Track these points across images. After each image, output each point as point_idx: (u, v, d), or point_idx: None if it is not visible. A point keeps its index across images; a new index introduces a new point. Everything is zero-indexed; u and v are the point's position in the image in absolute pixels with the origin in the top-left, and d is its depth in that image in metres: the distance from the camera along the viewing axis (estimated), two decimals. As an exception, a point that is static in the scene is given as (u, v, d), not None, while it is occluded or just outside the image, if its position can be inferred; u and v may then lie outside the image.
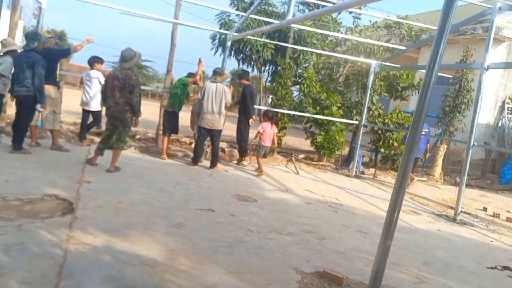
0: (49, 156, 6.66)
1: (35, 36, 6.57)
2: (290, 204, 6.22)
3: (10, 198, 4.36)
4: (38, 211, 4.21)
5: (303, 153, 12.20)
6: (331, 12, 7.62)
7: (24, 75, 6.34)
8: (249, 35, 8.92)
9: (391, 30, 12.16)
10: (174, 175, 6.83)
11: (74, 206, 4.44)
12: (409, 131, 3.18)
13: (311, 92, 10.85)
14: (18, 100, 6.59)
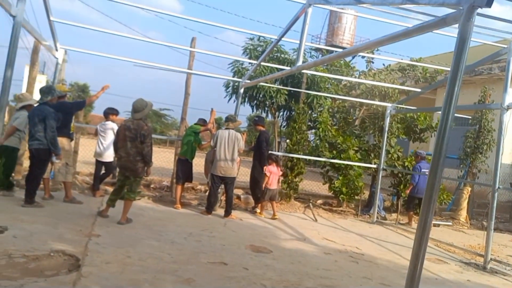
0: (60, 209, 6.59)
1: (49, 90, 6.70)
2: (307, 255, 5.92)
3: (16, 255, 4.24)
4: (43, 268, 4.06)
5: (322, 199, 11.90)
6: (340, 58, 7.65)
7: (36, 129, 6.40)
8: (261, 82, 8.97)
9: (405, 72, 12.14)
10: (186, 226, 6.65)
11: (80, 263, 4.28)
12: (429, 175, 2.98)
13: (326, 136, 10.74)
14: (30, 153, 6.63)
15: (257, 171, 8.70)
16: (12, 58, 4.65)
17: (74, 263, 4.29)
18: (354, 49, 4.80)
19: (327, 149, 10.64)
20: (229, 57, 9.63)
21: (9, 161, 7.14)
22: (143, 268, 4.36)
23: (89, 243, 4.94)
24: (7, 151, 7.07)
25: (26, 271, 3.91)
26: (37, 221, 5.63)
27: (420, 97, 11.14)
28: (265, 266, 5.07)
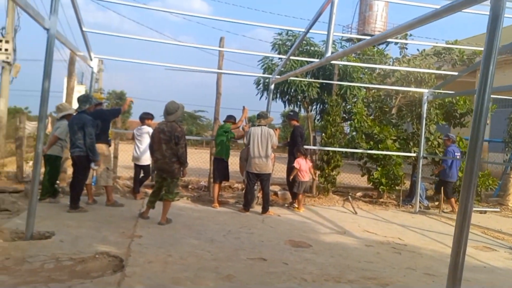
0: (103, 213, 6.82)
1: (86, 99, 6.94)
2: (348, 248, 5.86)
3: (63, 258, 4.43)
4: (89, 270, 4.22)
5: (361, 191, 11.74)
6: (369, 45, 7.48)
7: (76, 137, 6.66)
8: (291, 76, 8.91)
9: (441, 56, 11.71)
10: (225, 224, 6.73)
11: (124, 263, 4.42)
12: (467, 160, 2.88)
13: (362, 127, 10.55)
14: (73, 160, 6.90)
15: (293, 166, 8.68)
16: (49, 70, 4.86)
17: (118, 264, 4.44)
18: (382, 36, 4.68)
19: (363, 140, 10.46)
20: (258, 54, 9.64)
21: (53, 169, 7.47)
22: (184, 267, 4.45)
23: (131, 244, 5.10)
24: (50, 159, 7.40)
25: (73, 273, 4.08)
26: (81, 225, 5.87)
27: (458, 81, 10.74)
28: (305, 260, 5.06)
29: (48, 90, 4.95)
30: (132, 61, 8.76)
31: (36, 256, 4.39)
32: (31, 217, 5.04)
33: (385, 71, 11.81)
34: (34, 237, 5.06)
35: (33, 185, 5.08)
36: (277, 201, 9.38)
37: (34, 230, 5.14)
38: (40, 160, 5.23)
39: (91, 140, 6.64)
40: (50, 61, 4.88)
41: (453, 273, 2.84)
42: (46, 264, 4.21)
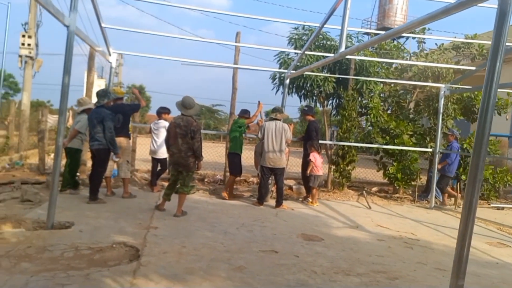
0: (121, 205, 7.02)
1: (105, 93, 7.13)
2: (359, 242, 5.92)
3: (82, 247, 4.61)
4: (107, 259, 4.40)
5: (376, 186, 11.73)
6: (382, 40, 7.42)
7: (95, 130, 6.86)
8: (306, 71, 8.94)
9: (460, 51, 11.54)
10: (239, 217, 6.86)
11: (140, 253, 4.58)
12: (472, 155, 2.92)
13: (378, 121, 10.51)
14: (92, 153, 7.12)
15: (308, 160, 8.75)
16: (68, 66, 5.03)
17: (134, 253, 4.60)
18: (397, 30, 4.69)
19: (379, 135, 10.43)
20: (273, 49, 9.69)
21: (74, 161, 7.71)
22: (198, 257, 4.58)
23: (147, 235, 5.26)
24: (71, 152, 7.64)
25: (92, 261, 4.26)
26: (100, 216, 6.07)
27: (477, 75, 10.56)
28: (315, 253, 5.14)
29: (68, 85, 5.13)
30: (150, 56, 8.94)
31: (57, 245, 4.59)
32: (52, 207, 5.25)
33: (402, 65, 11.72)
34: (54, 227, 5.28)
35: (54, 176, 5.29)
36: (292, 195, 9.46)
37: (55, 220, 5.35)
38: (60, 153, 5.43)
39: (110, 133, 6.83)
40: (70, 57, 5.05)
41: (457, 266, 2.89)
42: (65, 252, 4.40)
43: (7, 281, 3.54)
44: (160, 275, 3.98)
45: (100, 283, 3.66)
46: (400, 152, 10.15)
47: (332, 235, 6.16)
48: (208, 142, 27.76)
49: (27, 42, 14.27)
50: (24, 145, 13.35)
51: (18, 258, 4.10)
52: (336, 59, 6.18)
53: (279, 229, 6.23)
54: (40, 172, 9.73)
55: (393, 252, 5.53)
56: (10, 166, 10.45)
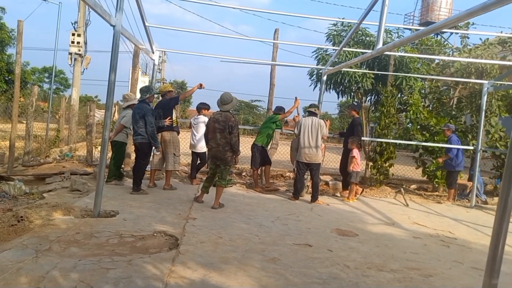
0: (162, 196, 7.28)
1: (147, 89, 7.40)
2: (394, 239, 5.87)
3: (126, 235, 4.85)
4: (148, 246, 4.61)
5: (415, 184, 11.49)
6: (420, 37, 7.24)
7: (138, 125, 7.14)
8: (343, 68, 8.89)
9: (506, 46, 11.09)
10: (274, 210, 6.96)
11: (179, 242, 4.77)
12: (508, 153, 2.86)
13: (418, 118, 10.31)
14: (135, 147, 7.42)
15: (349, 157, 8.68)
16: (114, 63, 5.28)
17: (174, 242, 4.79)
18: (432, 28, 4.59)
19: (419, 132, 10.23)
20: (311, 45, 9.71)
21: (119, 154, 8.05)
22: (233, 248, 4.72)
23: (186, 225, 5.45)
24: (117, 145, 7.99)
25: (134, 248, 4.48)
26: (142, 206, 6.33)
27: (525, 71, 10.14)
28: (349, 248, 5.16)
29: (114, 82, 5.38)
30: (191, 53, 9.20)
31: (102, 232, 4.85)
32: (99, 197, 5.54)
33: (444, 61, 11.41)
34: (101, 215, 5.57)
35: (100, 168, 5.57)
36: (328, 191, 9.45)
37: (101, 209, 5.65)
38: (106, 146, 5.71)
39: (152, 128, 7.10)
40: (116, 55, 5.29)
41: (491, 265, 2.86)
42: (110, 239, 4.65)
43: (57, 263, 3.80)
44: (197, 263, 4.14)
45: (141, 269, 3.86)
46: (440, 149, 9.90)
47: (366, 231, 6.14)
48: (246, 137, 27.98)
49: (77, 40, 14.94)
50: (74, 138, 14.01)
51: (67, 243, 4.38)
52: (374, 55, 6.12)
53: (314, 224, 6.28)
54: (88, 163, 10.21)
55: (429, 250, 5.45)
56: (60, 157, 11.02)
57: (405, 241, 5.80)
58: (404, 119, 11.29)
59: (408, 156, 14.01)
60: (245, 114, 46.38)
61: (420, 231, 6.51)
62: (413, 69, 10.73)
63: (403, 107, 11.08)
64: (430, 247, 5.59)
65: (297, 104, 8.68)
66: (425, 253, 5.30)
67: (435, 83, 11.46)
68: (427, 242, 5.87)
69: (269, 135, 8.58)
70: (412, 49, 11.39)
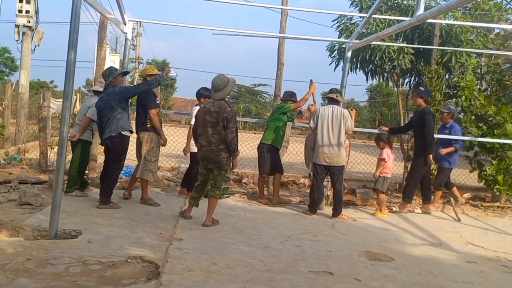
0: (139, 210, 7.32)
1: (109, 72, 7.47)
2: (442, 264, 5.89)
3: (91, 261, 4.88)
4: (120, 276, 4.64)
5: (469, 191, 11.51)
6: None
7: (107, 117, 7.18)
8: (373, 41, 8.87)
9: None
10: (284, 228, 6.98)
11: (160, 270, 4.80)
12: None
13: (472, 106, 10.30)
14: (105, 147, 7.46)
15: (418, 161, 8.77)
16: (74, 38, 5.30)
17: (154, 270, 4.82)
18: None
19: (473, 124, 10.23)
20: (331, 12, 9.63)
21: (82, 156, 8.06)
22: (231, 277, 4.75)
23: (169, 248, 5.48)
24: (79, 145, 8.02)
25: (102, 279, 4.51)
26: (113, 223, 6.37)
27: None
28: (383, 277, 5.18)
29: (74, 63, 5.40)
30: (174, 24, 9.21)
31: (61, 257, 4.87)
32: (56, 212, 5.57)
33: (506, 31, 11.38)
34: (58, 236, 5.60)
35: (57, 175, 5.59)
36: (355, 202, 9.48)
37: (59, 228, 5.67)
38: (66, 146, 5.71)
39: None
40: (76, 28, 5.31)
41: None
42: (71, 267, 4.67)
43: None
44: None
45: (111, 305, 3.89)
46: (501, 146, 9.88)
47: (405, 254, 6.16)
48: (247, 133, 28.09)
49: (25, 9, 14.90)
50: (23, 136, 13.99)
51: (15, 273, 4.40)
52: (413, 24, 6.13)
53: (336, 245, 6.30)
54: (42, 169, 10.25)
55: (487, 278, 5.47)
56: (6, 161, 11.05)
57: (456, 267, 5.82)
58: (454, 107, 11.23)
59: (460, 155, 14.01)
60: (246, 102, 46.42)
61: (475, 253, 6.53)
62: (465, 41, 10.69)
63: (452, 92, 11.04)
64: (488, 275, 5.61)
65: (313, 89, 8.65)
66: (481, 282, 5.32)
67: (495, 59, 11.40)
68: (485, 268, 5.88)
69: (279, 130, 8.55)
70: (463, 15, 11.33)
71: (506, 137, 9.77)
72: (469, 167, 10.76)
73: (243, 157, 11.93)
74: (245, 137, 15.94)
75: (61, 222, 5.81)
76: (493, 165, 10.01)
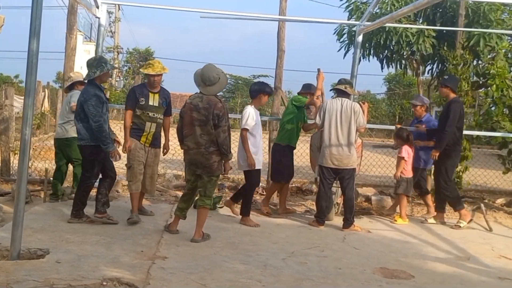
0: (117, 225, 7.28)
1: (98, 62, 7.25)
2: (470, 281, 5.88)
3: (59, 285, 4.85)
4: (93, 301, 4.63)
5: (503, 196, 11.51)
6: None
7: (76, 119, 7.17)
8: (389, 22, 8.87)
9: None
10: (286, 242, 6.97)
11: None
12: None
13: (504, 97, 10.31)
14: None
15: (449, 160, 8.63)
16: (37, 25, 5.27)
17: (133, 294, 4.82)
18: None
19: (506, 118, 10.24)
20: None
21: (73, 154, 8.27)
22: (223, 301, 4.74)
23: (152, 268, 5.45)
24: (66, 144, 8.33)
25: (73, 305, 4.50)
26: (86, 240, 6.34)
27: None
28: (401, 297, 5.17)
29: (37, 54, 5.37)
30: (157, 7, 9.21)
31: (24, 281, 4.84)
32: (18, 229, 5.52)
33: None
34: (22, 256, 5.56)
35: (19, 185, 5.55)
36: (369, 210, 9.47)
37: (23, 247, 5.63)
38: (28, 151, 5.68)
39: (96, 123, 7.01)
40: (39, 13, 5.27)
41: None
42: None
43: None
44: (168, 325, 4.15)
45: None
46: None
47: (427, 271, 6.14)
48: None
49: (-17, -9, 14.93)
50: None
51: (-29, 299, 4.39)
52: (434, 1, 6.12)
53: (347, 261, 6.28)
54: (4, 179, 10.24)
55: (523, 297, 5.46)
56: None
57: (487, 284, 5.83)
58: (483, 98, 11.23)
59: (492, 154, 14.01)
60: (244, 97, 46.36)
61: (509, 268, 6.50)
62: (496, 21, 10.72)
63: (481, 81, 11.07)
64: (525, 293, 5.60)
65: (321, 80, 8.58)
66: (516, 302, 5.31)
67: (530, 41, 11.46)
68: (520, 285, 5.87)
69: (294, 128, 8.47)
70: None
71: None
72: (502, 168, 10.76)
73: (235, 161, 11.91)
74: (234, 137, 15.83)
75: (25, 240, 5.79)
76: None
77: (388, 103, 47.71)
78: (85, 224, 7.15)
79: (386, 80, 46.21)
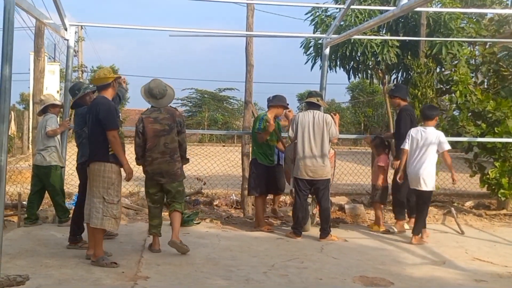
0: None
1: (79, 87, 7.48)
2: (447, 285, 5.99)
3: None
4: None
5: (471, 199, 11.67)
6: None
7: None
8: (354, 35, 8.98)
9: None
10: (266, 255, 6.97)
11: (125, 315, 4.74)
12: None
13: (468, 102, 10.47)
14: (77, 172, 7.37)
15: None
16: (9, 50, 5.22)
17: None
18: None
19: (471, 123, 10.39)
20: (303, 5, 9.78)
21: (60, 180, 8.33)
22: (208, 318, 4.72)
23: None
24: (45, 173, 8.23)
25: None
26: (66, 264, 6.25)
27: None
28: (382, 305, 5.21)
29: (10, 79, 5.32)
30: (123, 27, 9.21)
31: (6, 309, 4.78)
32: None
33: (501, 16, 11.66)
34: (1, 284, 5.44)
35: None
36: (345, 219, 9.53)
37: (1, 274, 5.53)
38: (4, 176, 5.60)
39: None
40: (10, 39, 5.23)
41: None
42: (19, 320, 4.59)
43: None
44: None
45: None
46: (504, 146, 10.04)
47: (405, 277, 6.21)
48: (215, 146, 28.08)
49: None
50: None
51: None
52: (397, 15, 6.23)
53: (327, 271, 6.31)
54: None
55: (499, 299, 5.55)
56: None
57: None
58: (447, 104, 11.41)
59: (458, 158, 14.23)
60: (212, 110, 46.22)
61: (483, 270, 6.61)
62: (456, 29, 10.90)
63: (445, 87, 11.25)
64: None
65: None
66: (494, 303, 5.39)
67: (490, 48, 11.65)
68: (496, 286, 5.97)
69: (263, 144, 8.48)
70: (452, 0, 11.57)
71: (508, 135, 9.92)
72: (469, 171, 10.91)
73: (213, 175, 11.91)
74: (213, 151, 15.81)
75: (3, 267, 5.67)
76: (496, 167, 10.16)
77: (352, 111, 48.04)
78: (63, 248, 7.05)
79: (349, 88, 46.49)
